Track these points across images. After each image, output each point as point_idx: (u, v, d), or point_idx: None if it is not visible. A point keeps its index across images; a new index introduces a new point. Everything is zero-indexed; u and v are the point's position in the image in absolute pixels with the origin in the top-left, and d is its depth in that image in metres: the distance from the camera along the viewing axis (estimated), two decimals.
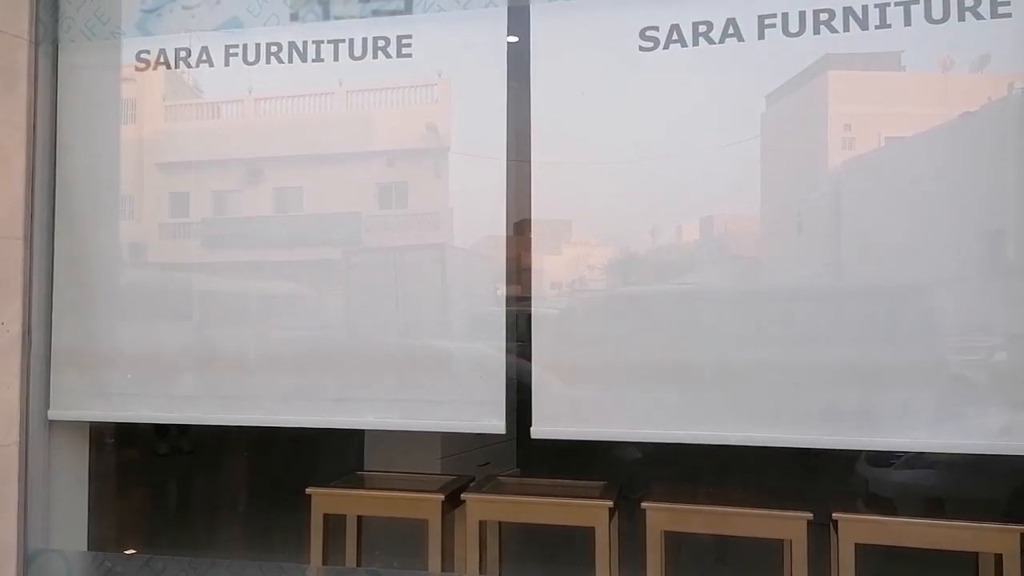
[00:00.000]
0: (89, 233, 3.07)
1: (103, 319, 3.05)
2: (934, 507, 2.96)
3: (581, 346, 2.73)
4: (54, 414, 3.05)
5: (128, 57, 3.07)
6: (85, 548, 3.17)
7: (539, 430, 2.67)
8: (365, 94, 2.98)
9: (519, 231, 2.76)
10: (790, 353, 2.56)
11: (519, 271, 2.77)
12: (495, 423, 2.70)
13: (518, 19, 2.73)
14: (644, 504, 2.71)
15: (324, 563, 2.94)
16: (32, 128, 2.99)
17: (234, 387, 2.94)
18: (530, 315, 2.72)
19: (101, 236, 3.09)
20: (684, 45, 2.60)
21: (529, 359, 2.71)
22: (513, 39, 2.74)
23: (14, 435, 2.93)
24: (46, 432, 3.06)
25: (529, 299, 2.73)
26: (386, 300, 2.89)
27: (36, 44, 3.01)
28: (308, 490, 2.96)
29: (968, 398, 2.41)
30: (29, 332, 2.99)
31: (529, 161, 2.70)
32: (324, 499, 2.96)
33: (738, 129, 2.58)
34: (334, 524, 3.01)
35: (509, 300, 2.73)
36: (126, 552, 3.73)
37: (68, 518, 3.14)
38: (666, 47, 2.62)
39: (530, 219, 2.72)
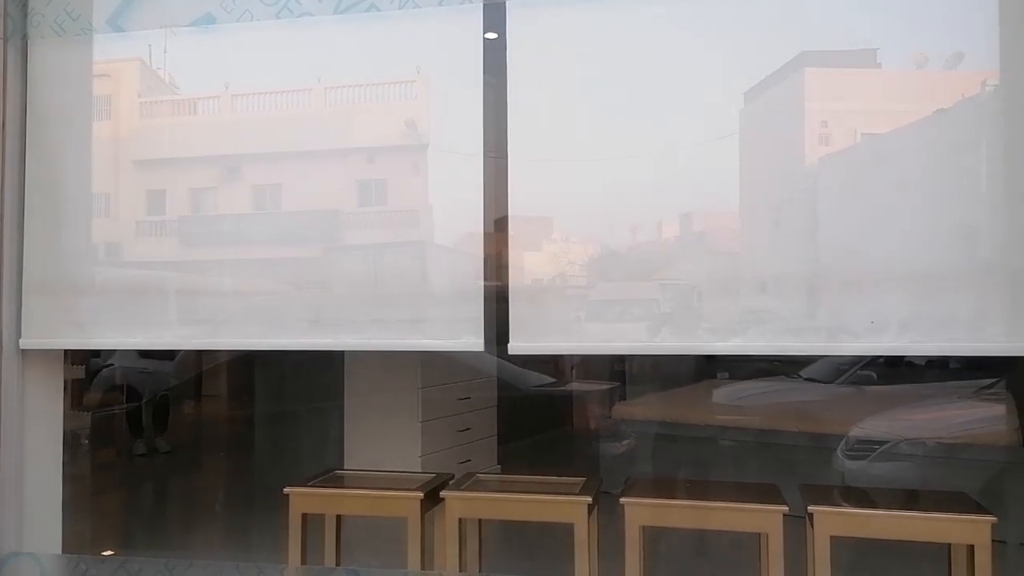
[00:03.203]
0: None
1: (74, 248, 3.04)
2: (909, 499, 3.00)
3: (555, 266, 2.77)
4: (26, 343, 3.02)
5: (100, 53, 3.04)
6: (59, 551, 3.13)
7: (516, 346, 2.68)
8: (343, 90, 2.96)
9: (500, 228, 2.76)
10: (762, 263, 2.61)
11: (499, 268, 2.77)
12: (474, 341, 2.69)
13: (496, 16, 2.72)
14: (623, 500, 2.72)
15: (303, 563, 2.92)
16: (1, 125, 2.94)
17: (208, 311, 2.94)
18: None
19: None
20: None
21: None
22: (492, 35, 2.73)
23: None
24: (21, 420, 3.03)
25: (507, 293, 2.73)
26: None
27: (4, 40, 2.96)
28: (286, 490, 2.94)
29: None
30: (0, 331, 2.95)
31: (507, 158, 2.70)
32: (302, 499, 2.94)
33: (716, 125, 2.59)
34: (313, 523, 3.00)
35: (487, 291, 2.73)
36: (102, 554, 3.70)
37: (41, 520, 3.10)
38: None
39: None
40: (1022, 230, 2.36)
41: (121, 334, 3.01)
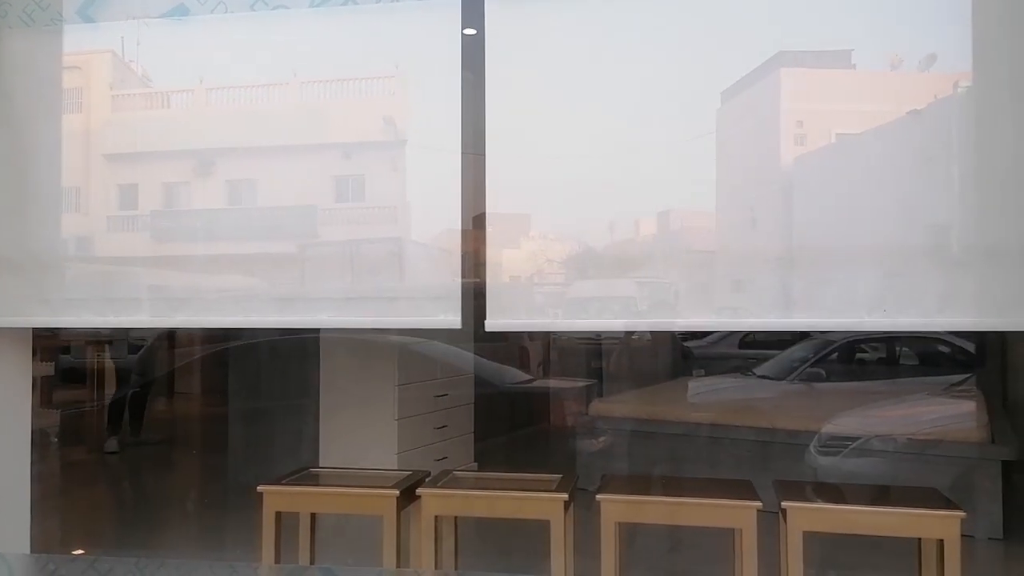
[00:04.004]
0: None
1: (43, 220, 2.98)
2: (880, 495, 3.04)
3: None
4: None
5: (70, 45, 2.98)
6: (28, 550, 3.08)
7: (493, 323, 2.67)
8: (320, 85, 2.93)
9: (478, 225, 2.75)
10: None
11: (477, 265, 2.77)
12: (451, 319, 2.69)
13: (475, 12, 2.71)
14: (599, 496, 2.73)
15: (277, 561, 2.89)
16: None
17: (182, 289, 2.91)
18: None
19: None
20: None
21: None
22: (471, 31, 2.72)
23: None
24: None
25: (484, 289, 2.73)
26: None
27: None
28: (259, 488, 2.91)
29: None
30: None
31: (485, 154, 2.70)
32: (276, 497, 2.91)
33: (694, 124, 2.60)
34: (287, 521, 2.97)
35: (464, 288, 2.72)
36: (73, 553, 3.64)
37: (9, 519, 3.03)
38: None
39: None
40: (991, 224, 2.40)
41: (92, 313, 2.95)
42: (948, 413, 5.10)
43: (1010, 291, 2.37)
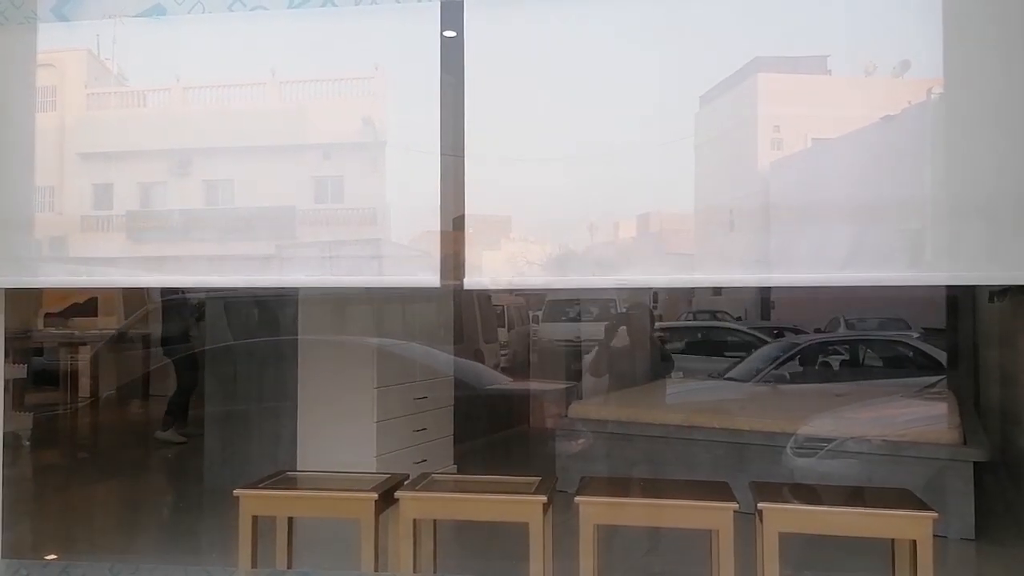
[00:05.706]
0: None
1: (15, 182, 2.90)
2: (854, 496, 3.07)
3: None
4: None
5: (45, 43, 2.94)
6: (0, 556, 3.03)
7: (471, 281, 2.66)
8: (299, 85, 2.92)
9: (458, 227, 2.75)
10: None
11: (456, 267, 2.76)
12: (430, 277, 2.67)
13: (454, 14, 2.71)
14: (577, 498, 2.73)
15: (253, 566, 2.87)
16: None
17: (156, 248, 2.87)
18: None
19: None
20: None
21: None
22: (450, 34, 2.72)
23: None
24: None
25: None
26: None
27: None
28: (236, 491, 2.88)
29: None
30: None
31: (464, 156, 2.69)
32: (252, 501, 2.88)
33: (673, 128, 2.62)
34: (264, 525, 2.95)
35: (444, 292, 2.72)
36: (46, 558, 3.59)
37: None
38: None
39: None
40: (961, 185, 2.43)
41: (64, 272, 2.88)
42: (921, 415, 5.18)
43: (980, 246, 2.39)
